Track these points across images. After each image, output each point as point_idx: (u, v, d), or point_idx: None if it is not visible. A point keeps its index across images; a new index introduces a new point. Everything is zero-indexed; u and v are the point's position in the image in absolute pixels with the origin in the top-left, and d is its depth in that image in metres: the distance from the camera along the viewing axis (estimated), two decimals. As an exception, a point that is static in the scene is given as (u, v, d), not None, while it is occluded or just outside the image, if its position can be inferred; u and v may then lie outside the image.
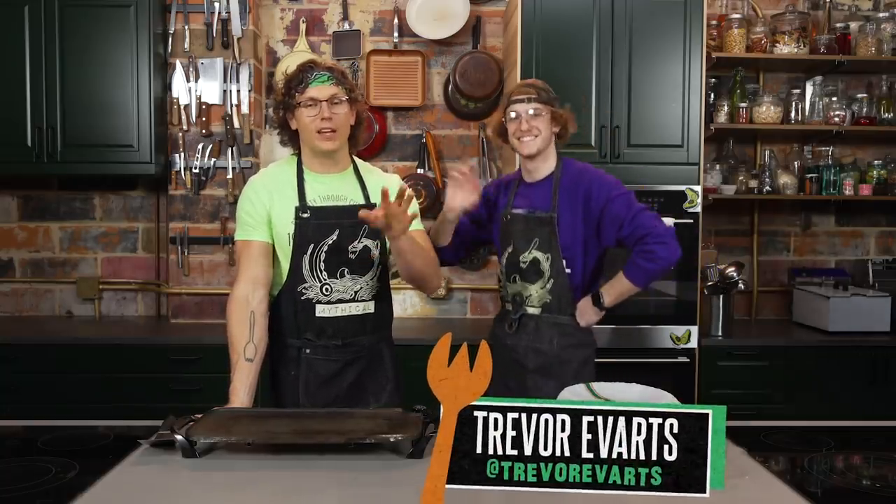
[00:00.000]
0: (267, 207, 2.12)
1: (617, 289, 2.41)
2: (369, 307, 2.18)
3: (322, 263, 2.11)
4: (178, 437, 1.66)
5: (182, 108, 3.70)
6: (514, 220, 2.47)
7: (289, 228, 2.11)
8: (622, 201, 2.36)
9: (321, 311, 2.12)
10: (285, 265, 2.13)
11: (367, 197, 2.18)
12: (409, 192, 1.90)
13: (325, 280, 2.11)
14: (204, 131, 3.71)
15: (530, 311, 2.44)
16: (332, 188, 2.16)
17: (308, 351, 2.14)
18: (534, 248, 2.42)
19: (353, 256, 2.13)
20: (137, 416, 2.15)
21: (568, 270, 2.40)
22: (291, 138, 2.19)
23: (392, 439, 1.66)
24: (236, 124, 3.72)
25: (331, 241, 2.11)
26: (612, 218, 2.36)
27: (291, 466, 1.63)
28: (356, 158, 2.26)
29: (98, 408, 3.21)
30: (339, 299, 2.13)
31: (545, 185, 2.45)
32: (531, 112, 2.37)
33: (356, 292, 2.15)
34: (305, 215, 2.10)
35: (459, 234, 2.52)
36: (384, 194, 1.86)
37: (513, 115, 2.40)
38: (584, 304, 2.44)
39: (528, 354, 2.44)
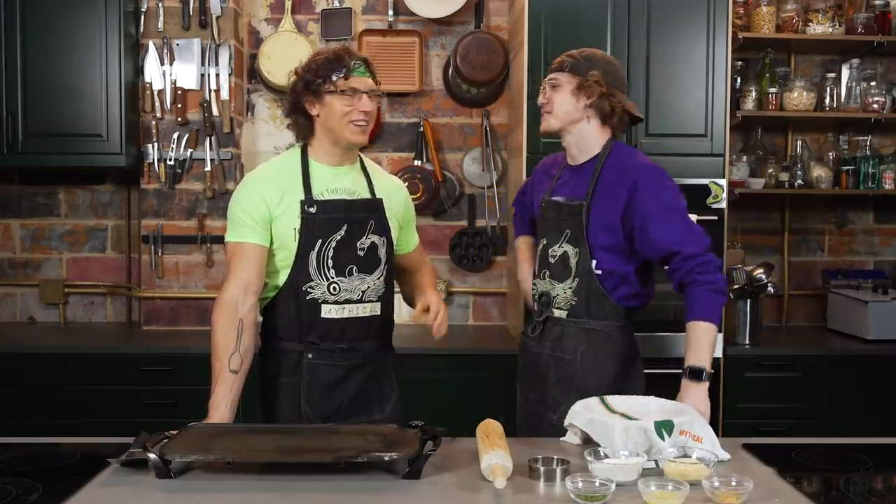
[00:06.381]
0: (269, 206, 2.14)
1: (707, 348, 2.11)
2: (376, 309, 2.22)
3: (330, 261, 2.14)
4: (152, 456, 1.66)
5: (155, 93, 3.69)
6: (549, 207, 2.37)
7: (294, 223, 2.14)
8: (672, 219, 2.17)
9: (327, 311, 2.15)
10: (287, 263, 2.15)
11: (373, 192, 2.24)
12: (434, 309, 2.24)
13: (332, 278, 2.15)
14: (179, 119, 3.70)
15: (556, 313, 2.33)
16: (339, 181, 2.21)
17: (311, 356, 2.16)
18: (564, 240, 2.30)
19: (361, 253, 2.18)
20: (106, 432, 2.16)
21: (598, 272, 2.25)
22: (303, 126, 2.20)
23: (386, 458, 1.66)
24: (215, 111, 3.71)
25: (339, 237, 2.15)
26: (656, 239, 2.17)
27: (275, 488, 1.63)
28: (361, 154, 2.31)
29: (63, 423, 3.22)
30: (347, 299, 2.17)
31: (586, 169, 2.31)
32: (549, 83, 2.30)
33: (363, 292, 2.19)
34: (312, 209, 2.14)
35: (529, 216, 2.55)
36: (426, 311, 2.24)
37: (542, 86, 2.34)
38: (694, 393, 2.08)
39: (549, 364, 2.33)
